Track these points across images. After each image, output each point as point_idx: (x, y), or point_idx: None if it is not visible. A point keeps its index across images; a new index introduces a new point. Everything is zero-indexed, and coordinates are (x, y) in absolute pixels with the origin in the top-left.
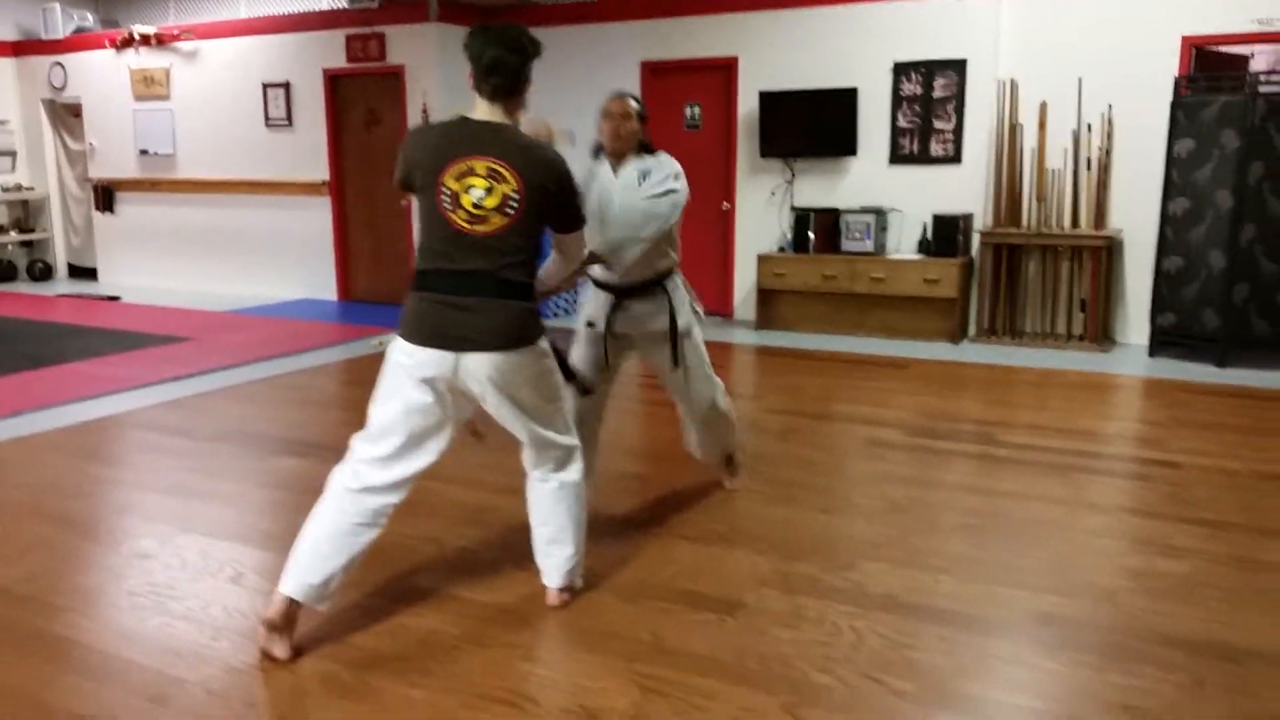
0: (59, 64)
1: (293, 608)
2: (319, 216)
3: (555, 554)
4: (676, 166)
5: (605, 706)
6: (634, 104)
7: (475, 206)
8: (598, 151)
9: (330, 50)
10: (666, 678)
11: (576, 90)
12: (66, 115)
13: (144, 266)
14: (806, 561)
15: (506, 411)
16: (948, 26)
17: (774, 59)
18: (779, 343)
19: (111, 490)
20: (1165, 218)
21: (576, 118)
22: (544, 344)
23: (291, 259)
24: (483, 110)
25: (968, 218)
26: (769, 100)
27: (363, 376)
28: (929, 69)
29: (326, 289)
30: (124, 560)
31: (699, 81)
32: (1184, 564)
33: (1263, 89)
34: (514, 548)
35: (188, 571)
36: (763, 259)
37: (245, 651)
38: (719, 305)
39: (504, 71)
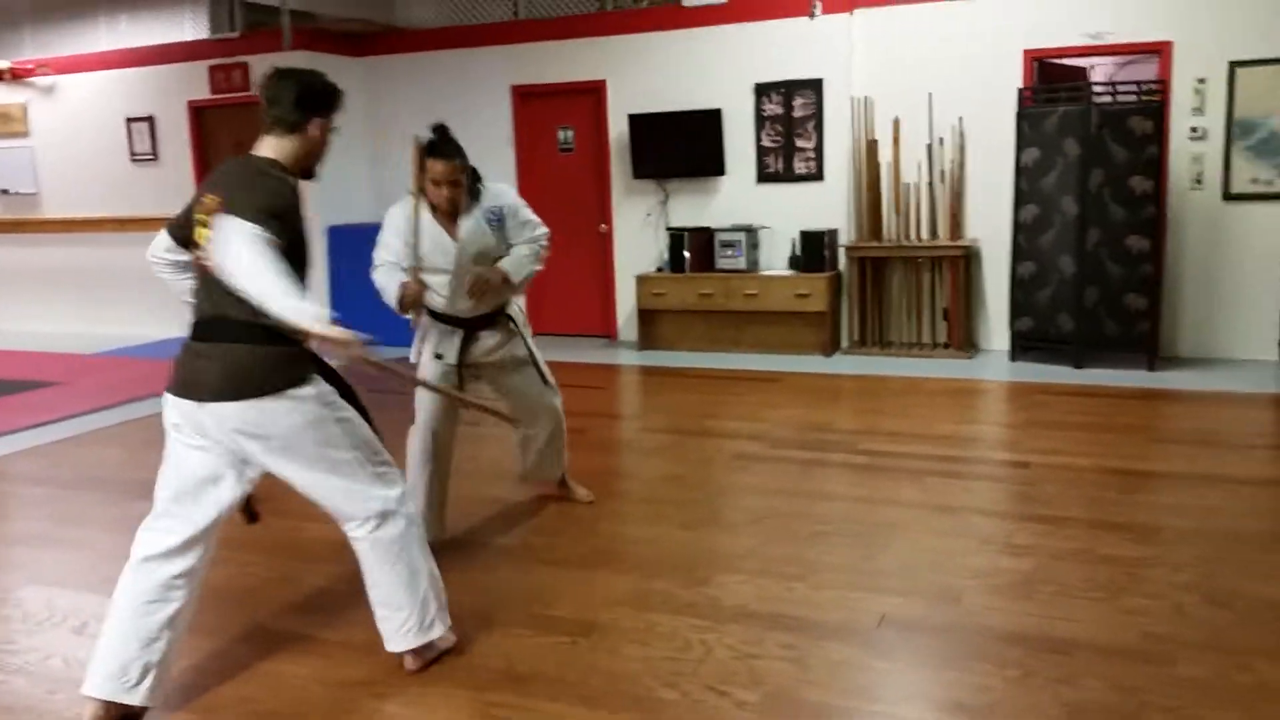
0: None
1: (101, 712)
2: None
3: (389, 618)
4: (520, 201)
5: None
6: (459, 163)
7: (201, 242)
8: (419, 192)
9: (194, 82)
10: (514, 704)
11: (448, 117)
12: None
13: (12, 311)
14: (664, 578)
15: (277, 466)
16: (803, 47)
17: (641, 82)
18: (659, 362)
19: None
20: (1017, 225)
21: None
22: (305, 390)
23: (163, 296)
24: (265, 146)
25: (833, 233)
26: (638, 122)
27: None
28: (788, 89)
29: None
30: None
31: (569, 105)
32: (1025, 561)
33: (1096, 99)
34: (359, 582)
35: (28, 624)
36: (641, 279)
37: (83, 704)
38: (602, 327)
39: (275, 102)
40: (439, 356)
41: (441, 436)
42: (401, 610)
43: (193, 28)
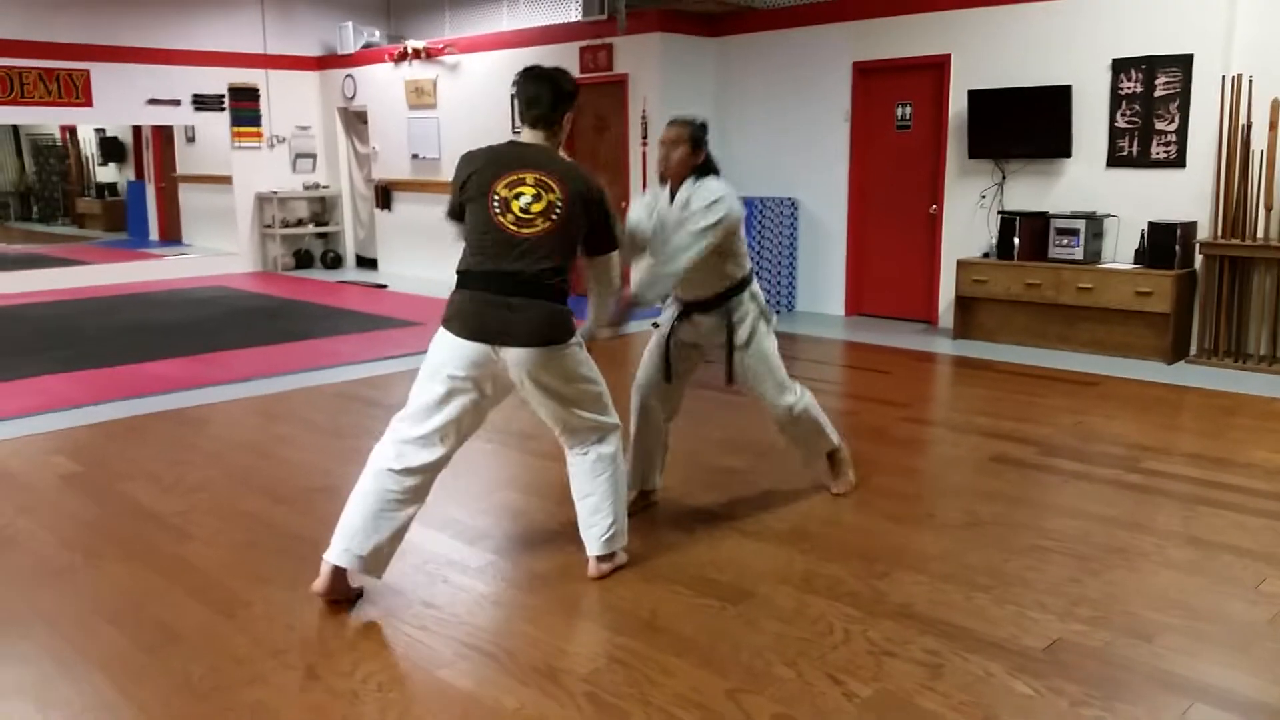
0: (350, 76)
1: (340, 576)
2: None
3: (597, 524)
4: (713, 194)
5: (567, 669)
6: (684, 129)
7: (523, 211)
8: (663, 178)
9: (566, 61)
10: (638, 651)
11: (789, 96)
12: (356, 122)
13: (414, 258)
14: (840, 564)
15: (541, 400)
16: (1172, 19)
17: (986, 56)
18: (970, 352)
19: (283, 447)
20: None
21: (789, 121)
22: (577, 338)
23: None
24: (528, 136)
25: (1188, 226)
26: (979, 99)
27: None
28: (1150, 65)
29: None
30: (268, 508)
31: (910, 81)
32: (1262, 610)
33: None
34: (572, 518)
35: (298, 515)
36: (962, 264)
37: (303, 574)
38: (924, 312)
39: (540, 104)
40: (655, 325)
41: (649, 400)
42: (608, 518)
43: (575, 10)
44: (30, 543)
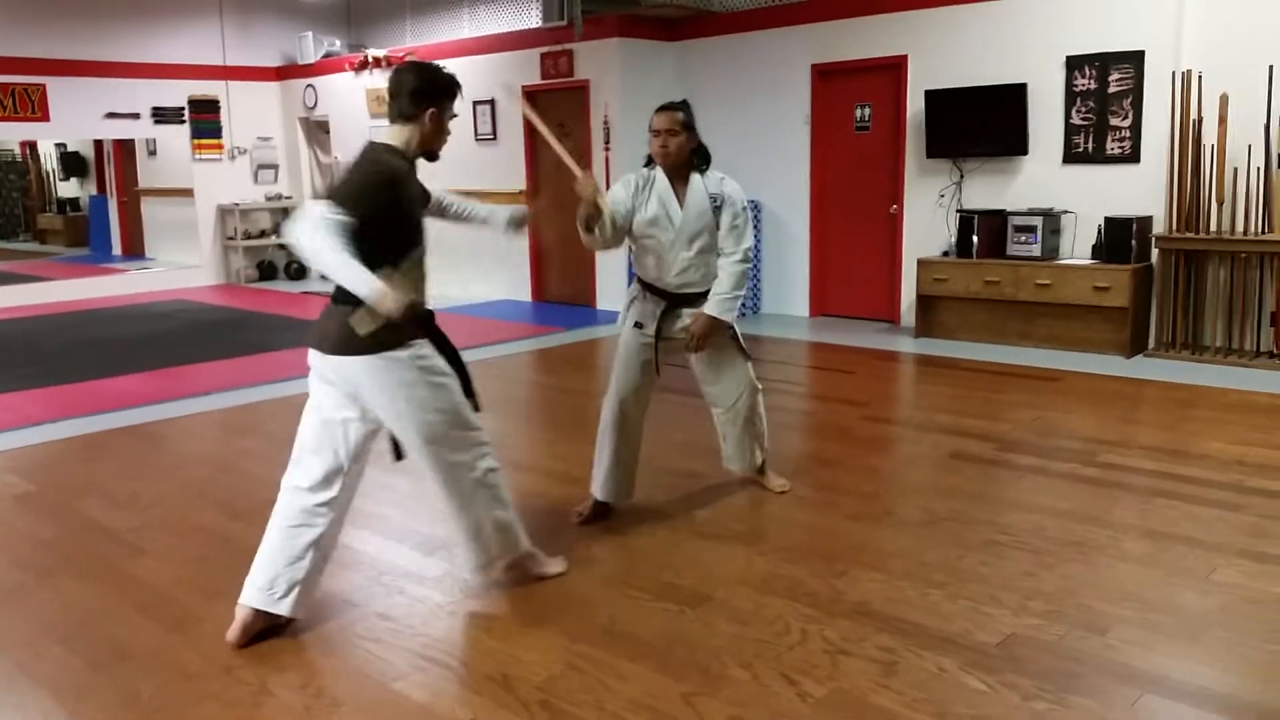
0: (311, 86)
1: (250, 619)
2: None
3: (469, 548)
4: (743, 199)
5: (522, 677)
6: (679, 115)
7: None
8: (649, 161)
9: (527, 68)
10: (596, 658)
11: (750, 99)
12: (318, 132)
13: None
14: (800, 565)
15: (380, 410)
16: (1123, 16)
17: (943, 56)
18: (931, 351)
19: (243, 461)
20: None
21: (750, 124)
22: (400, 353)
23: (491, 262)
24: (383, 134)
25: (1144, 220)
26: (935, 99)
27: (548, 366)
28: (1104, 62)
29: (523, 290)
30: (224, 523)
31: (868, 82)
32: (1212, 600)
33: None
34: (537, 531)
35: (254, 529)
36: (922, 263)
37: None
38: (886, 312)
39: (396, 96)
40: (639, 326)
41: (629, 408)
42: (464, 548)
43: (536, 16)
44: None
